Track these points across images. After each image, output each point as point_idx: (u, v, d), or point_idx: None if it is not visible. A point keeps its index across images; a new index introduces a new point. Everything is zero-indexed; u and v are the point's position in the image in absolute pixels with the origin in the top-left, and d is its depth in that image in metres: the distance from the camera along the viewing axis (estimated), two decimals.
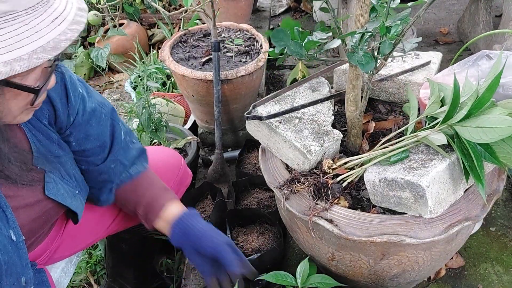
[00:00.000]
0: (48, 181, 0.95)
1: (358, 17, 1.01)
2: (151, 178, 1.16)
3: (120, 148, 1.09)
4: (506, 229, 1.59)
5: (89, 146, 1.04)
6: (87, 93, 1.02)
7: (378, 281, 1.18)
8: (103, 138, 1.06)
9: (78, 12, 0.75)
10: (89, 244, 1.27)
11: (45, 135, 0.95)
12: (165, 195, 1.12)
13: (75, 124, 1.00)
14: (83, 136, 1.02)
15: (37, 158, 0.93)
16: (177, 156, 1.37)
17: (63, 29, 0.71)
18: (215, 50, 1.69)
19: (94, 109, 1.03)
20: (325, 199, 1.07)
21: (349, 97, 1.16)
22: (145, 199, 1.12)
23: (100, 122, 1.04)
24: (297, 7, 3.54)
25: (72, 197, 1.01)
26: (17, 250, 0.87)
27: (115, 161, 1.09)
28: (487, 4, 2.54)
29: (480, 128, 0.93)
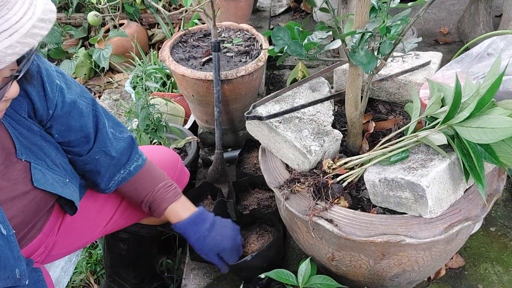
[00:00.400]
0: (34, 172, 0.95)
1: (358, 17, 1.01)
2: (150, 174, 1.20)
3: (105, 139, 1.09)
4: (506, 229, 1.59)
5: (73, 137, 1.04)
6: (66, 85, 1.00)
7: (378, 281, 1.18)
8: (87, 129, 1.05)
9: (37, 24, 0.71)
10: (87, 242, 1.27)
11: (26, 128, 0.95)
12: (166, 196, 1.19)
13: (54, 116, 0.99)
14: (65, 128, 1.01)
15: (20, 151, 0.93)
16: (174, 156, 1.38)
17: (11, 42, 0.67)
18: (215, 50, 1.69)
19: (75, 100, 1.01)
20: (325, 199, 1.07)
21: (349, 97, 1.16)
22: (147, 198, 1.19)
23: (83, 114, 1.03)
24: (297, 7, 3.54)
25: (63, 185, 1.01)
26: (8, 243, 0.88)
27: (99, 152, 1.09)
28: (487, 4, 2.53)
29: (480, 129, 0.93)
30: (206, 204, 1.68)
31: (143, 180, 1.19)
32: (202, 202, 1.70)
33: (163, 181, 1.21)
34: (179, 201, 1.22)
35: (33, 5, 0.73)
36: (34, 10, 0.72)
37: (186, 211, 1.22)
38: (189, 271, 1.54)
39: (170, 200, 1.20)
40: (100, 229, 1.25)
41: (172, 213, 1.20)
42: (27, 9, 0.71)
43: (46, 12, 0.74)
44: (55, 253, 1.18)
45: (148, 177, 1.20)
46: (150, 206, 1.20)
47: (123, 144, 1.14)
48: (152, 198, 1.19)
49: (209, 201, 1.70)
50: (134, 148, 1.17)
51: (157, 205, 1.19)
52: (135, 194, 1.20)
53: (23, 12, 0.70)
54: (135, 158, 1.16)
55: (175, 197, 1.21)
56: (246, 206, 1.62)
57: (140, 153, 1.19)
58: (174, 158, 1.37)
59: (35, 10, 0.72)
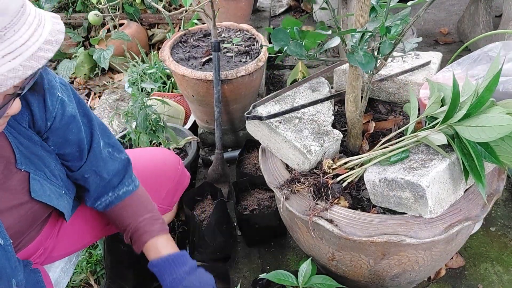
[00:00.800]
0: (33, 183, 0.94)
1: (358, 17, 1.01)
2: (139, 203, 1.13)
3: (97, 159, 1.06)
4: (506, 229, 1.59)
5: (68, 151, 1.01)
6: (68, 98, 0.99)
7: (379, 281, 1.18)
8: (83, 145, 1.03)
9: (43, 46, 0.69)
10: (88, 243, 1.27)
11: (26, 138, 0.94)
12: (149, 229, 1.10)
13: (52, 128, 0.97)
14: (61, 140, 0.99)
15: (20, 161, 0.92)
16: (175, 158, 1.37)
17: (14, 65, 0.65)
18: (215, 50, 1.69)
19: (75, 114, 0.99)
20: (325, 199, 1.07)
21: (349, 97, 1.16)
22: (130, 228, 1.11)
23: (81, 129, 1.01)
24: (297, 6, 3.54)
25: (58, 197, 1.01)
26: (5, 253, 0.87)
27: (89, 171, 1.05)
28: (487, 4, 2.54)
29: (479, 127, 0.93)
30: (206, 204, 1.69)
31: (129, 207, 1.12)
32: (202, 202, 1.70)
33: (151, 213, 1.12)
34: (162, 237, 1.10)
35: (41, 25, 0.71)
36: (41, 31, 0.70)
37: (167, 249, 1.09)
38: None
39: (153, 234, 1.09)
40: (100, 231, 1.25)
41: (151, 247, 1.08)
42: (34, 31, 0.69)
43: (54, 33, 0.71)
44: (56, 255, 1.18)
45: (135, 206, 1.12)
46: (131, 237, 1.11)
47: (117, 166, 1.10)
48: (135, 228, 1.09)
49: (209, 201, 1.70)
50: (128, 172, 1.12)
51: (138, 236, 1.09)
52: (120, 221, 1.13)
53: (30, 34, 0.68)
54: (126, 183, 1.12)
55: (158, 232, 1.10)
56: (246, 206, 1.62)
57: (133, 179, 1.14)
58: (175, 160, 1.36)
59: (43, 31, 0.70)
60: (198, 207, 1.67)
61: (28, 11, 0.71)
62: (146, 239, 1.08)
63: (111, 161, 1.09)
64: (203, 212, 1.65)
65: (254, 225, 1.55)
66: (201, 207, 1.68)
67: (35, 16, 0.71)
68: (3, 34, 0.65)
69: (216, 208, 1.50)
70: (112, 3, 1.87)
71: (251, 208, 1.60)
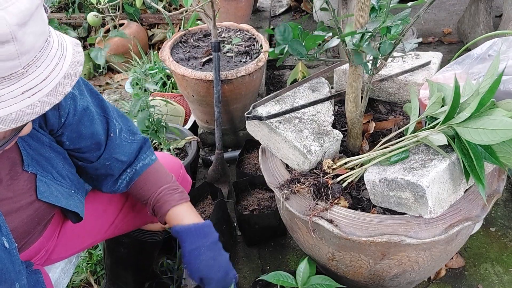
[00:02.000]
0: (39, 184, 0.94)
1: (358, 17, 1.01)
2: (156, 175, 1.14)
3: (115, 146, 1.07)
4: (506, 229, 1.59)
5: (83, 144, 1.02)
6: (79, 91, 0.99)
7: (379, 281, 1.18)
8: (98, 136, 1.03)
9: (62, 81, 0.68)
10: (88, 245, 1.27)
11: (35, 139, 0.94)
12: (170, 198, 1.11)
13: (66, 124, 0.97)
14: (76, 135, 1.00)
15: (27, 163, 0.92)
16: (176, 163, 1.36)
17: (33, 102, 0.64)
18: (215, 50, 1.69)
19: (86, 107, 0.99)
20: (325, 199, 1.07)
21: (349, 97, 1.16)
22: (151, 200, 1.12)
23: (94, 121, 1.01)
24: (298, 7, 3.54)
25: (67, 197, 1.01)
26: (10, 257, 0.87)
27: (109, 159, 1.07)
28: (487, 4, 2.54)
29: (481, 130, 0.93)
30: (206, 204, 1.69)
31: (148, 181, 1.12)
32: (202, 202, 1.70)
33: (169, 183, 1.13)
34: (183, 205, 1.11)
35: (63, 57, 0.69)
36: (62, 65, 0.69)
37: (191, 217, 1.09)
38: None
39: (174, 203, 1.09)
40: (101, 234, 1.25)
41: (174, 215, 1.09)
42: (55, 65, 0.68)
43: (73, 66, 0.70)
44: (56, 257, 1.18)
45: (153, 178, 1.13)
46: (153, 209, 1.12)
47: (135, 147, 1.11)
48: (156, 200, 1.10)
49: (209, 201, 1.70)
50: (144, 147, 1.14)
51: (159, 207, 1.10)
52: (141, 195, 1.14)
53: (51, 70, 0.67)
54: (142, 157, 1.13)
55: (179, 200, 1.11)
56: (246, 206, 1.62)
57: (148, 153, 1.14)
58: (177, 165, 1.36)
59: (63, 65, 0.69)
60: (198, 207, 1.67)
61: (51, 43, 0.69)
62: (167, 208, 1.09)
63: (128, 145, 1.10)
64: (203, 212, 1.65)
65: (254, 225, 1.55)
66: (201, 207, 1.68)
67: (57, 48, 0.70)
68: (25, 71, 0.64)
69: (216, 208, 1.50)
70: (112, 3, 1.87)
71: (251, 208, 1.60)
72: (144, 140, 1.15)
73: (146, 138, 1.16)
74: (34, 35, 0.64)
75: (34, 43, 0.64)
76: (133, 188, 1.14)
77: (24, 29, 0.62)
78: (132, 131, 1.13)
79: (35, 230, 1.03)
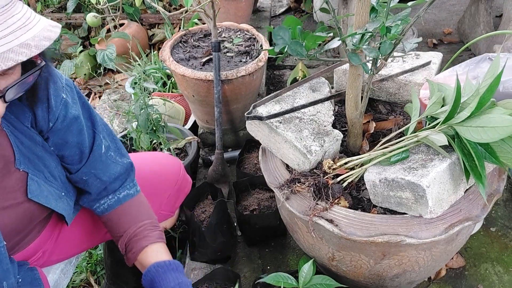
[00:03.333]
0: (30, 183, 0.93)
1: (358, 17, 1.01)
2: (139, 208, 1.11)
3: (98, 162, 1.05)
4: (507, 230, 1.59)
5: (67, 152, 1.01)
6: (72, 99, 0.98)
7: (379, 281, 1.18)
8: (83, 148, 1.02)
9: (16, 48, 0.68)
10: (87, 248, 1.26)
11: (28, 137, 0.94)
12: (149, 235, 1.07)
13: (53, 129, 0.96)
14: (61, 142, 0.99)
15: (19, 161, 0.91)
16: (176, 163, 1.36)
17: None
18: (215, 50, 1.69)
19: (77, 116, 0.99)
20: (326, 199, 1.07)
21: (349, 97, 1.16)
22: (128, 233, 1.08)
23: (82, 131, 1.00)
24: (298, 7, 3.54)
25: (57, 199, 1.00)
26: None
27: (88, 174, 1.05)
28: (488, 4, 2.54)
29: (481, 128, 0.93)
30: (206, 204, 1.69)
31: (129, 213, 1.09)
32: (202, 202, 1.70)
33: (151, 220, 1.10)
34: (161, 245, 1.07)
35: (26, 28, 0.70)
36: (21, 34, 0.69)
37: (167, 256, 1.06)
38: (189, 271, 1.54)
39: (152, 240, 1.06)
40: (100, 235, 1.25)
41: (150, 253, 1.05)
42: (11, 32, 0.68)
43: (37, 39, 0.70)
44: (56, 258, 1.18)
45: (135, 211, 1.10)
46: (127, 243, 1.07)
47: (119, 169, 1.08)
48: (133, 234, 1.06)
49: (209, 201, 1.70)
50: (130, 176, 1.11)
51: (136, 241, 1.05)
52: (117, 226, 1.10)
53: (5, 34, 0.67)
54: (128, 186, 1.11)
55: (158, 239, 1.07)
56: (246, 206, 1.62)
57: (135, 183, 1.12)
58: (177, 165, 1.35)
59: (23, 35, 0.69)
60: (198, 207, 1.67)
61: (13, 12, 0.69)
62: (145, 244, 1.05)
63: (113, 165, 1.08)
64: (203, 212, 1.65)
65: (254, 225, 1.55)
66: (201, 207, 1.68)
67: (20, 19, 0.70)
68: None
69: (216, 208, 1.50)
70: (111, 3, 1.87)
71: (251, 208, 1.60)
72: (131, 167, 1.12)
73: (132, 164, 1.13)
74: None
75: None
76: (110, 217, 1.10)
77: None
78: (121, 152, 1.11)
79: (27, 230, 1.02)
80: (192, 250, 1.57)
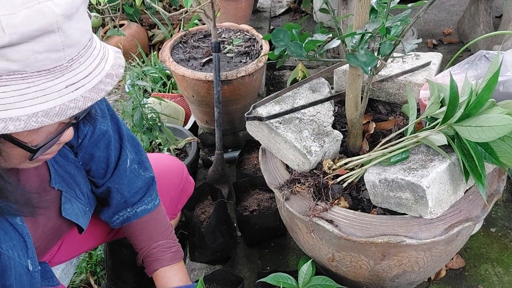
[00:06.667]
0: (64, 201, 0.95)
1: (358, 17, 1.01)
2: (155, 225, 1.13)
3: (122, 176, 1.06)
4: (507, 230, 1.59)
5: (94, 167, 1.02)
6: (101, 115, 0.99)
7: (379, 282, 1.18)
8: (109, 162, 1.03)
9: (104, 79, 0.69)
10: (89, 248, 1.27)
11: (62, 156, 0.95)
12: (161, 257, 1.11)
13: (82, 145, 0.98)
14: (88, 156, 1.00)
15: (54, 180, 0.93)
16: (179, 165, 1.36)
17: (76, 96, 0.65)
18: (215, 51, 1.69)
19: (106, 131, 1.00)
20: (325, 199, 1.07)
21: (349, 97, 1.16)
22: (143, 252, 1.11)
23: (109, 146, 1.02)
24: (297, 8, 3.54)
25: (83, 214, 1.02)
26: (31, 279, 0.87)
27: (112, 188, 1.06)
28: (487, 5, 2.54)
29: (479, 127, 0.93)
30: (206, 204, 1.69)
31: (144, 230, 1.12)
32: (202, 202, 1.70)
33: (165, 239, 1.12)
34: (174, 267, 1.11)
35: (105, 59, 0.71)
36: (104, 65, 0.70)
37: (177, 281, 1.09)
38: (189, 272, 1.54)
39: (163, 263, 1.09)
40: (102, 237, 1.25)
41: (161, 276, 1.09)
42: (98, 64, 0.69)
43: (115, 68, 0.71)
44: (58, 260, 1.18)
45: (151, 229, 1.12)
46: (143, 260, 1.12)
47: (140, 184, 1.10)
48: (147, 254, 1.10)
49: (209, 201, 1.70)
50: (149, 190, 1.12)
51: (149, 263, 1.10)
52: (134, 242, 1.14)
53: (94, 67, 0.68)
54: (146, 201, 1.12)
55: (171, 261, 1.10)
56: (246, 207, 1.62)
57: (153, 197, 1.13)
58: (180, 167, 1.35)
59: (105, 65, 0.70)
60: (198, 208, 1.67)
61: (95, 45, 0.71)
62: (156, 267, 1.09)
63: (135, 179, 1.09)
64: (203, 212, 1.65)
65: (254, 226, 1.55)
66: (201, 208, 1.68)
67: (100, 50, 0.71)
68: (69, 65, 0.65)
69: (216, 209, 1.50)
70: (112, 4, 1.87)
71: (251, 209, 1.60)
72: (152, 181, 1.14)
73: (154, 178, 1.14)
74: (78, 31, 0.65)
75: (79, 38, 0.66)
76: (128, 231, 1.13)
77: (69, 22, 0.63)
78: (144, 166, 1.12)
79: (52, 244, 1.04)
80: (192, 251, 1.56)
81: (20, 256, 0.84)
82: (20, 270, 0.84)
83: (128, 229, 1.13)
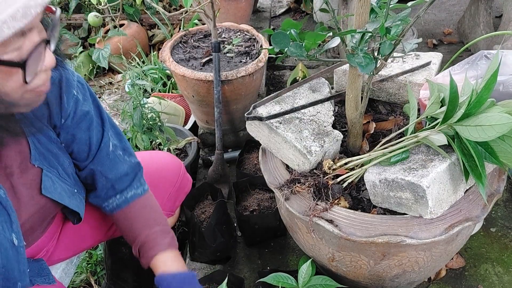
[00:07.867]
0: (45, 179, 0.94)
1: (358, 17, 1.01)
2: (148, 210, 1.12)
3: (105, 159, 1.06)
4: (507, 230, 1.59)
5: (75, 149, 1.02)
6: (83, 96, 1.00)
7: (379, 282, 1.18)
8: (91, 144, 1.03)
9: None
10: (89, 246, 1.26)
11: (44, 134, 0.95)
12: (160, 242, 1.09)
13: (64, 126, 0.98)
14: (70, 137, 1.00)
15: (34, 157, 0.92)
16: (176, 162, 1.36)
17: None
18: (215, 51, 1.69)
19: (87, 112, 1.00)
20: (326, 199, 1.07)
21: (349, 97, 1.16)
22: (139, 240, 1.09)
23: (91, 127, 1.02)
24: (297, 7, 3.54)
25: (70, 195, 1.01)
26: (17, 254, 0.87)
27: (94, 171, 1.05)
28: (487, 5, 2.54)
29: (479, 127, 0.93)
30: (206, 204, 1.69)
31: (139, 217, 1.10)
32: (202, 202, 1.70)
33: (161, 226, 1.11)
34: (172, 252, 1.09)
35: None
36: None
37: (176, 265, 1.07)
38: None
39: (162, 248, 1.07)
40: (102, 235, 1.25)
41: (160, 262, 1.06)
42: None
43: None
44: (57, 258, 1.18)
45: (145, 216, 1.11)
46: (139, 249, 1.09)
47: (126, 168, 1.09)
48: (144, 241, 1.08)
49: (209, 201, 1.70)
50: (137, 175, 1.12)
51: (146, 250, 1.07)
52: (129, 231, 1.11)
53: None
54: (135, 186, 1.11)
55: (168, 246, 1.08)
56: (246, 206, 1.62)
57: (142, 183, 1.13)
58: (177, 164, 1.35)
59: None
60: (198, 208, 1.67)
61: None
62: (155, 252, 1.07)
63: (120, 163, 1.09)
64: (203, 212, 1.65)
65: (254, 226, 1.55)
66: (201, 208, 1.68)
67: None
68: None
69: (216, 209, 1.50)
70: (112, 4, 1.87)
71: (251, 209, 1.60)
72: (139, 167, 1.13)
73: (139, 164, 1.14)
74: None
75: None
76: (120, 219, 1.12)
77: None
78: (129, 152, 1.12)
79: (39, 228, 1.03)
80: (192, 251, 1.57)
81: (5, 229, 0.84)
82: (5, 244, 0.84)
83: (121, 218, 1.11)
